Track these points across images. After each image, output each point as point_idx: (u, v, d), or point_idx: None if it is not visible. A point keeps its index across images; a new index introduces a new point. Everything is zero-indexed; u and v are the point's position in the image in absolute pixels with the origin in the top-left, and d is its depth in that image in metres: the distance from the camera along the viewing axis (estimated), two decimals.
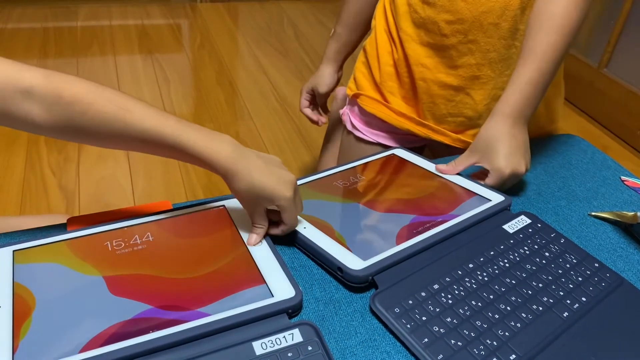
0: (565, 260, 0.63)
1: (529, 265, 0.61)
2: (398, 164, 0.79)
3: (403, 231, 0.63)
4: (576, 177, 0.83)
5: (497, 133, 0.72)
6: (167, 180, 1.71)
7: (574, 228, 0.71)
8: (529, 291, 0.58)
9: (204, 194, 1.66)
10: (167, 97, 2.18)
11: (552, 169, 0.85)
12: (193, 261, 0.56)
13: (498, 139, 0.72)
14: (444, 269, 0.59)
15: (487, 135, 0.73)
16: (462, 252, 0.61)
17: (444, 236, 0.63)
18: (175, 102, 2.15)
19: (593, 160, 0.90)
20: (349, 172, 0.76)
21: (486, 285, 0.57)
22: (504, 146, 0.71)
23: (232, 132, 1.98)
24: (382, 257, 0.58)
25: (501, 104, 0.74)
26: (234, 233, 0.61)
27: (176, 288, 0.53)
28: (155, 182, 1.70)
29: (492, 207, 0.69)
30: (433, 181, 0.75)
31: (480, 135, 0.74)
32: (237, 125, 2.04)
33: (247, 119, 2.08)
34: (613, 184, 0.83)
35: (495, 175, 0.71)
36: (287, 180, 0.56)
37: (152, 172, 1.74)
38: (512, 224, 0.67)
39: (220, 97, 2.21)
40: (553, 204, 0.76)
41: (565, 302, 0.57)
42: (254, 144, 1.94)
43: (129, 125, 0.52)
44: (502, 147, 0.71)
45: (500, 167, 0.71)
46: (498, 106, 0.74)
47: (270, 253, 0.58)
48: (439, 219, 0.66)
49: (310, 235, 0.60)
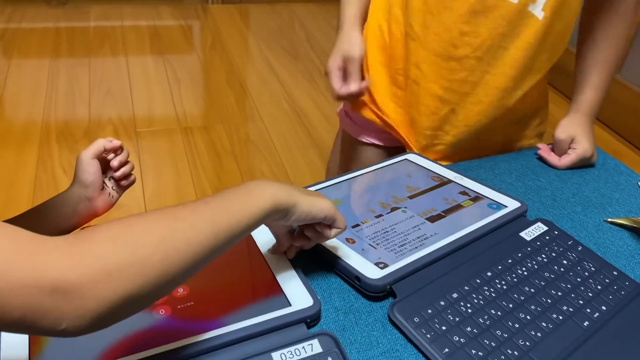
0: (584, 268, 0.62)
1: (547, 274, 0.61)
2: (411, 169, 0.79)
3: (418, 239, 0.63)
4: (589, 183, 0.83)
5: (579, 127, 0.86)
6: (176, 180, 1.72)
7: (591, 234, 0.71)
8: (548, 300, 0.57)
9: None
10: (178, 97, 2.19)
11: (565, 175, 0.85)
12: (210, 271, 0.56)
13: (580, 132, 0.86)
14: (463, 278, 0.58)
15: (570, 128, 0.86)
16: (480, 260, 0.61)
17: (461, 244, 0.63)
18: (186, 103, 2.16)
19: (605, 166, 0.89)
20: (361, 179, 0.76)
21: (505, 294, 0.57)
22: (587, 135, 0.86)
23: (242, 134, 1.99)
24: (400, 266, 0.58)
25: (580, 103, 0.88)
26: (250, 242, 0.61)
27: (193, 298, 0.53)
28: (165, 181, 1.71)
29: (508, 214, 0.69)
30: (448, 186, 0.75)
31: (564, 128, 0.86)
32: (247, 126, 2.05)
33: (258, 120, 2.09)
34: (627, 189, 0.82)
35: (578, 153, 0.84)
36: (321, 196, 0.56)
37: (162, 171, 1.75)
38: (529, 231, 0.67)
39: (230, 98, 2.22)
40: (568, 209, 0.76)
41: (585, 311, 0.57)
42: (264, 145, 1.95)
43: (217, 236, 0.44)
44: (586, 135, 0.86)
45: (586, 148, 0.84)
46: (577, 105, 0.89)
47: (287, 262, 0.58)
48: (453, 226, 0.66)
49: (327, 243, 0.60)
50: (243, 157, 1.86)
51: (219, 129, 2.00)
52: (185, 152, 1.85)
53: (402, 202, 0.70)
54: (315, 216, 0.53)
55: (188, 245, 0.41)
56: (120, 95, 2.17)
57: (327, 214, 0.53)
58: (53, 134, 1.89)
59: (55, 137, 1.87)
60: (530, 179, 0.83)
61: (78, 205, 0.64)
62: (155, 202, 1.60)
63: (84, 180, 0.64)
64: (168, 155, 1.84)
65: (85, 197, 0.64)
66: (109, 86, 2.23)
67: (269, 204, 0.48)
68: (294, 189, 0.52)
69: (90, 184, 0.64)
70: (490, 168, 0.86)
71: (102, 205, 0.66)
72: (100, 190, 0.66)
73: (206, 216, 0.43)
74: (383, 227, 0.65)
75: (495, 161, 0.89)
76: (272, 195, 0.49)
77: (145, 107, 2.11)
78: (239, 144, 1.92)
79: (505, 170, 0.85)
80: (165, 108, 2.11)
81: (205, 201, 0.45)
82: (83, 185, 0.64)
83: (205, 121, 2.05)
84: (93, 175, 0.64)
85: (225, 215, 0.45)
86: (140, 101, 2.14)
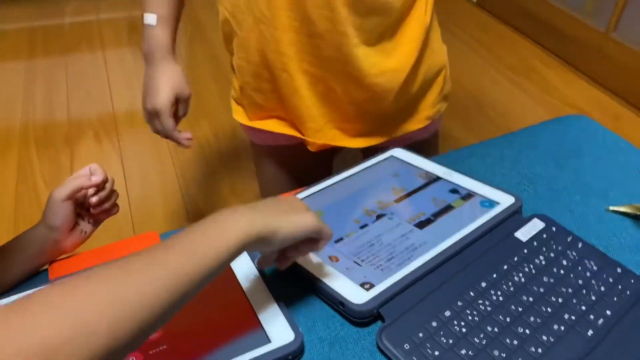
0: (585, 268, 0.58)
1: (545, 278, 0.57)
2: (397, 167, 0.74)
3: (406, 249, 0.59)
4: (588, 166, 0.78)
5: None
6: (162, 182, 1.67)
7: (591, 226, 0.67)
8: (548, 309, 0.53)
9: (203, 198, 1.62)
10: None
11: (561, 159, 0.80)
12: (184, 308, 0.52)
13: None
14: (455, 292, 0.54)
15: None
16: (473, 269, 0.57)
17: (453, 252, 0.58)
18: None
19: (605, 144, 0.84)
20: (345, 183, 0.71)
21: (501, 307, 0.53)
22: None
23: (228, 129, 1.92)
24: (387, 285, 0.54)
25: None
26: (227, 273, 0.57)
27: (166, 340, 0.49)
28: (150, 183, 1.66)
29: (502, 212, 0.64)
30: (437, 185, 0.70)
31: None
32: (232, 121, 1.97)
33: None
34: (629, 171, 0.77)
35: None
36: (302, 208, 0.51)
37: (146, 173, 1.70)
38: (525, 230, 0.62)
39: (214, 91, 2.15)
40: (566, 199, 0.71)
41: (589, 318, 0.53)
42: None
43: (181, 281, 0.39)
44: None
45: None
46: None
47: (266, 291, 0.54)
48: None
49: (308, 264, 0.56)
50: (230, 154, 1.80)
51: (203, 125, 1.93)
52: (170, 151, 1.79)
53: (388, 208, 0.66)
54: (300, 236, 0.48)
55: (142, 303, 0.36)
56: (99, 95, 2.11)
57: (312, 229, 0.49)
58: (32, 142, 1.84)
59: (34, 145, 1.81)
60: (524, 166, 0.79)
61: (44, 245, 0.60)
62: (141, 207, 1.55)
63: (51, 223, 0.59)
64: (152, 155, 1.78)
65: (52, 239, 0.59)
66: (88, 87, 2.16)
67: (243, 238, 0.43)
68: (271, 209, 0.48)
69: (57, 227, 0.59)
70: (481, 156, 0.81)
71: (71, 244, 0.61)
72: (70, 230, 0.61)
73: (166, 265, 0.39)
74: (368, 239, 0.61)
75: (487, 147, 0.84)
76: (247, 227, 0.44)
77: (125, 106, 2.05)
78: (225, 140, 1.86)
79: (497, 159, 0.80)
80: None
81: (166, 246, 0.41)
82: (50, 227, 0.59)
83: (189, 117, 1.97)
84: (62, 219, 0.59)
85: (191, 259, 0.40)
86: (120, 100, 2.08)
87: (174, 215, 1.54)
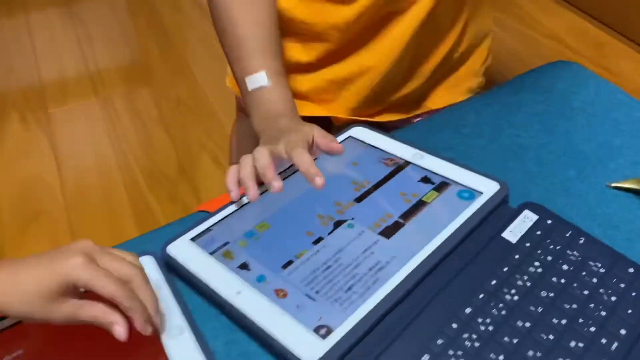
0: (591, 272, 0.47)
1: (544, 292, 0.46)
2: (357, 152, 0.62)
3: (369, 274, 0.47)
4: (582, 129, 0.66)
5: None
6: (100, 166, 1.49)
7: (592, 209, 0.56)
8: (549, 336, 0.43)
9: (147, 183, 1.44)
10: (92, 60, 1.90)
11: (550, 121, 0.68)
12: None
13: None
14: (432, 326, 0.43)
15: None
16: (453, 290, 0.46)
17: (427, 269, 0.47)
18: (102, 65, 1.88)
19: (598, 96, 0.72)
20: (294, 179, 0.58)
21: (491, 340, 0.42)
22: None
23: (172, 96, 1.73)
24: (349, 327, 0.42)
25: None
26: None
27: None
28: (87, 169, 1.48)
29: (485, 205, 0.52)
30: (405, 172, 0.58)
31: None
32: (176, 83, 1.78)
33: (189, 76, 1.81)
34: (627, 129, 0.66)
35: None
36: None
37: (82, 157, 1.52)
38: (514, 228, 0.51)
39: (154, 53, 1.95)
40: (560, 176, 0.60)
41: (600, 343, 0.42)
42: (199, 107, 1.70)
43: None
44: None
45: None
46: None
47: (194, 344, 0.42)
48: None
49: (247, 306, 0.44)
50: (176, 126, 1.62)
51: (143, 94, 1.74)
52: (107, 128, 1.61)
53: (348, 211, 0.54)
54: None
55: None
56: (24, 70, 1.88)
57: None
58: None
59: None
60: (507, 135, 0.67)
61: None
62: (77, 200, 1.39)
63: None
64: (87, 136, 1.60)
65: None
66: (10, 61, 1.93)
67: None
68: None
69: None
70: (455, 126, 0.69)
71: None
72: None
73: None
74: (324, 259, 0.49)
75: (462, 112, 0.72)
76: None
77: (55, 80, 1.83)
78: (169, 110, 1.68)
79: (474, 128, 0.68)
80: (78, 77, 1.83)
81: None
82: None
83: (127, 85, 1.78)
84: None
85: None
86: (48, 73, 1.86)
87: (115, 207, 1.39)
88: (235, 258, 0.49)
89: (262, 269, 0.48)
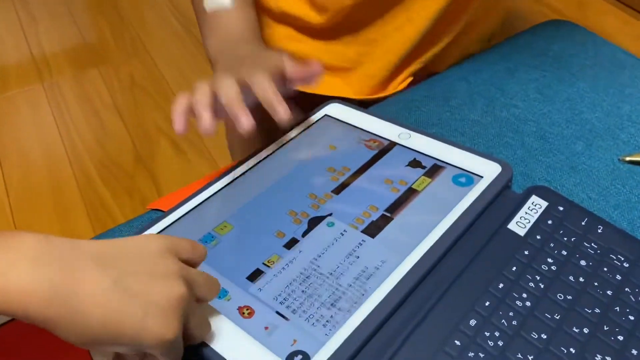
0: (613, 267, 0.40)
1: (560, 295, 0.38)
2: (335, 133, 0.53)
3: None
4: (585, 95, 0.59)
5: None
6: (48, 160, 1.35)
7: (605, 189, 0.48)
8: (570, 349, 0.35)
9: (101, 176, 1.31)
10: (36, 42, 1.75)
11: (549, 86, 0.60)
12: None
13: None
14: (430, 345, 0.36)
15: None
16: (453, 298, 0.38)
17: (422, 274, 0.39)
18: (48, 48, 1.73)
19: (599, 57, 0.64)
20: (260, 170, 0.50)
21: (501, 358, 0.35)
22: None
23: (125, 76, 1.60)
24: (329, 353, 0.34)
25: None
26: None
27: None
28: (34, 165, 1.35)
29: (485, 192, 0.45)
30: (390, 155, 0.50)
31: None
32: (130, 64, 1.64)
33: (143, 54, 1.67)
34: (636, 93, 0.59)
35: None
36: (164, 299, 0.29)
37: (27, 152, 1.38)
38: (522, 218, 0.43)
39: (104, 30, 1.80)
40: (566, 152, 0.52)
41: (630, 354, 0.35)
42: (154, 87, 1.57)
43: None
44: None
45: None
46: None
47: None
48: None
49: (198, 328, 0.36)
50: (129, 109, 1.49)
51: (93, 76, 1.60)
52: (54, 116, 1.48)
53: (326, 204, 0.45)
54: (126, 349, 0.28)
55: None
56: None
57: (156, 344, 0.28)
58: None
59: None
60: (502, 104, 0.59)
61: None
62: (22, 198, 1.27)
63: None
64: (31, 125, 1.46)
65: None
66: None
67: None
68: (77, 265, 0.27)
69: None
70: (443, 98, 0.60)
71: None
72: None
73: None
74: (300, 269, 0.40)
75: (449, 81, 0.63)
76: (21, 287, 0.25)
77: None
78: (122, 92, 1.54)
79: (465, 98, 0.60)
80: (20, 60, 1.68)
81: None
82: None
83: (75, 68, 1.64)
84: None
85: None
86: None
87: (66, 205, 1.26)
88: None
89: (223, 282, 0.39)
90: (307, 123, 0.54)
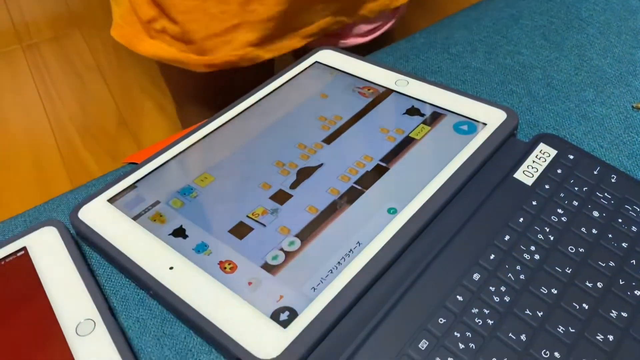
0: (628, 218, 0.37)
1: (572, 248, 0.35)
2: (326, 81, 0.49)
3: None
4: (595, 41, 0.55)
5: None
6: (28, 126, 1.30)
7: (618, 137, 0.45)
8: (583, 305, 0.32)
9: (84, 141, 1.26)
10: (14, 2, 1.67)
11: (556, 33, 0.56)
12: None
13: None
14: (430, 301, 0.32)
15: None
16: (454, 252, 0.35)
17: (421, 225, 0.36)
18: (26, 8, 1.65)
19: (609, 1, 0.60)
20: (246, 117, 0.46)
21: (509, 314, 0.32)
22: None
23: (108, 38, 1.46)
24: (319, 309, 0.31)
25: None
26: (44, 306, 0.33)
27: None
28: (13, 131, 1.29)
29: (490, 140, 0.41)
30: (386, 103, 0.46)
31: None
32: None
33: None
34: None
35: None
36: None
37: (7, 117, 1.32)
38: (529, 166, 0.40)
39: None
40: (575, 99, 0.48)
41: None
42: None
43: None
44: None
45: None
46: None
47: (109, 344, 0.30)
48: None
49: (182, 285, 0.33)
50: (113, 72, 1.42)
51: (75, 38, 1.53)
52: (34, 80, 1.42)
53: (316, 154, 0.42)
54: None
55: None
56: None
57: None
58: None
59: None
60: (505, 51, 0.55)
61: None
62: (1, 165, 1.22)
63: None
64: (10, 90, 1.40)
65: None
66: None
67: None
68: None
69: None
70: (442, 46, 0.56)
71: None
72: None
73: None
74: (285, 220, 0.37)
75: (448, 29, 0.59)
76: None
77: None
78: (106, 54, 1.48)
79: (465, 46, 0.56)
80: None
81: None
82: None
83: (56, 29, 1.56)
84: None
85: None
86: None
87: (47, 173, 1.21)
88: (168, 222, 0.37)
89: (203, 235, 0.36)
90: (295, 71, 0.50)
